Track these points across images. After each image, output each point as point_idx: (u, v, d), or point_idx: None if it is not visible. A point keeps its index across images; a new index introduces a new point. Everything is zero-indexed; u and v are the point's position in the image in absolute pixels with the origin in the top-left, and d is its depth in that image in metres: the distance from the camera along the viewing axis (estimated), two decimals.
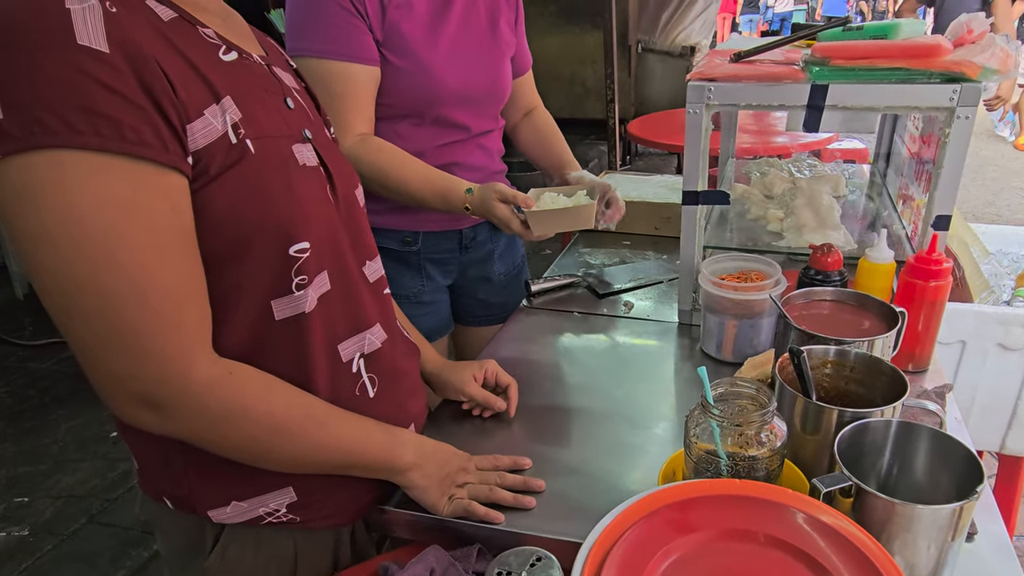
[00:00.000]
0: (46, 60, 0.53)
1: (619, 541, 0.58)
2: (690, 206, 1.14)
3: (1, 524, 1.92)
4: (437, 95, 1.20)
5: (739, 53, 1.13)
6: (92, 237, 0.56)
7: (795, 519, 0.60)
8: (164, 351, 0.60)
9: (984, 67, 0.94)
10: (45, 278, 0.57)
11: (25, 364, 2.76)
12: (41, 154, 0.54)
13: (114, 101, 0.55)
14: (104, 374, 0.60)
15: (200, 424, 0.64)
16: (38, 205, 0.55)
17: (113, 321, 0.58)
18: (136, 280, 0.58)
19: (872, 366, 0.83)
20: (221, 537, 0.76)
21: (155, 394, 0.61)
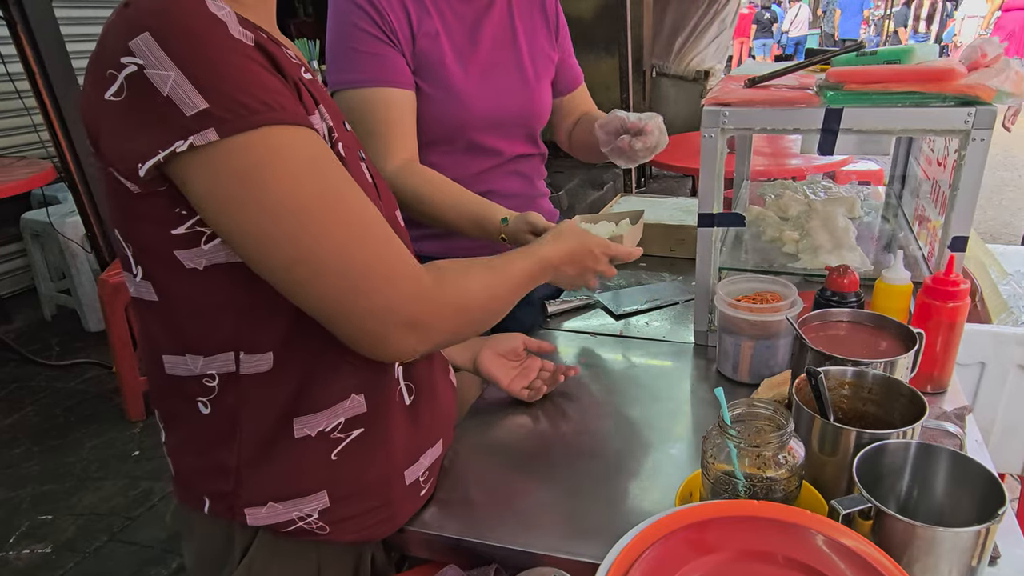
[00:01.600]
0: (222, 52, 0.59)
1: (637, 562, 0.58)
2: (706, 228, 1.15)
3: (25, 541, 1.95)
4: (466, 120, 1.21)
5: (754, 78, 1.15)
6: (311, 197, 0.62)
7: (814, 541, 0.60)
8: (402, 270, 0.68)
9: (999, 90, 0.94)
10: (282, 251, 0.63)
11: (52, 384, 2.81)
12: (257, 132, 0.60)
13: (277, 81, 0.63)
14: (369, 317, 0.66)
15: (449, 321, 0.73)
16: (263, 181, 0.60)
17: (361, 259, 0.65)
18: (359, 221, 0.66)
19: (890, 387, 0.83)
20: (249, 551, 0.77)
21: (414, 312, 0.68)
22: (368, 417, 0.78)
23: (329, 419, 0.76)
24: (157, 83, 0.57)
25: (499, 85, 1.25)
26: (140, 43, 0.57)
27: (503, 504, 0.89)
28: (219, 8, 0.61)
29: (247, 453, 0.74)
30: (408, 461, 0.84)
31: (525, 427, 1.05)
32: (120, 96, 0.59)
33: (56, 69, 2.40)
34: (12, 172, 2.64)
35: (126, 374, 2.47)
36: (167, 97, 0.57)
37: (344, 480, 0.78)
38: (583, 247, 0.98)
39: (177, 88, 0.57)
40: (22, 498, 2.13)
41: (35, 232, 3.21)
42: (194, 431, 0.75)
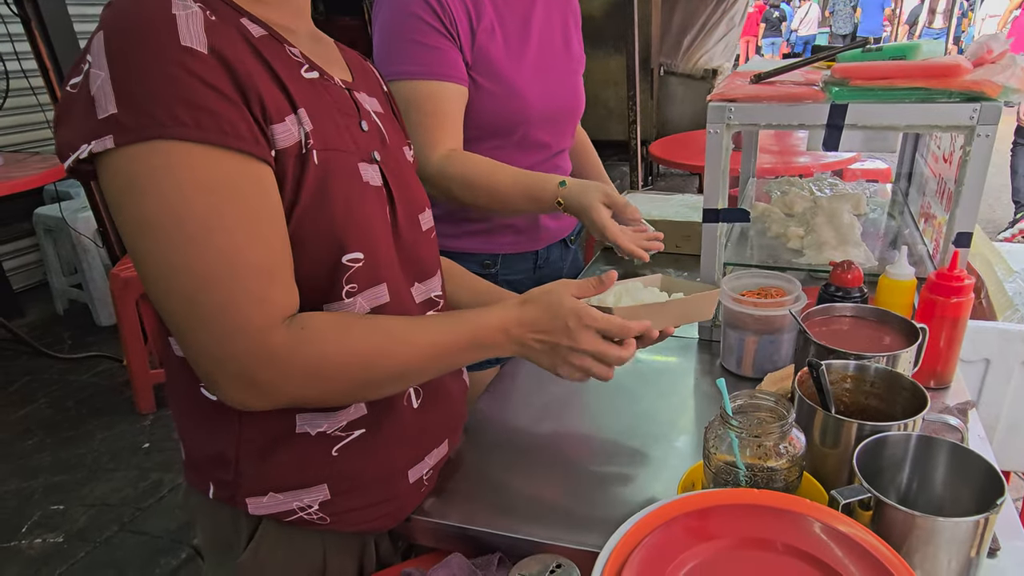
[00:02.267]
0: (155, 59, 0.59)
1: (637, 548, 0.59)
2: (711, 224, 1.16)
3: (37, 531, 1.98)
4: (524, 116, 1.23)
5: (759, 74, 1.15)
6: (192, 220, 0.60)
7: (812, 528, 0.61)
8: (251, 324, 0.63)
9: (1004, 86, 0.94)
10: (148, 262, 0.62)
11: (64, 376, 2.85)
12: (150, 144, 0.59)
13: (213, 96, 0.61)
14: (205, 358, 0.64)
15: (294, 387, 0.67)
16: (145, 192, 0.60)
17: (208, 300, 0.61)
18: (230, 260, 0.62)
19: (892, 381, 0.84)
20: (255, 535, 0.79)
21: (248, 369, 0.64)
22: (369, 419, 0.79)
23: (330, 422, 0.77)
24: (92, 81, 0.59)
25: (550, 79, 1.27)
26: (95, 42, 0.60)
27: (508, 494, 0.90)
28: (185, 7, 0.61)
29: (248, 443, 0.75)
30: (412, 461, 0.85)
31: (530, 419, 1.07)
32: (75, 89, 0.61)
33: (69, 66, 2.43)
34: (26, 168, 2.67)
35: (137, 367, 2.50)
36: (92, 96, 0.59)
37: (344, 475, 0.79)
38: (557, 315, 0.77)
39: (100, 89, 0.59)
40: (34, 488, 2.17)
41: (48, 227, 3.24)
42: (200, 417, 0.77)
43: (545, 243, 1.39)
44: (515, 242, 1.34)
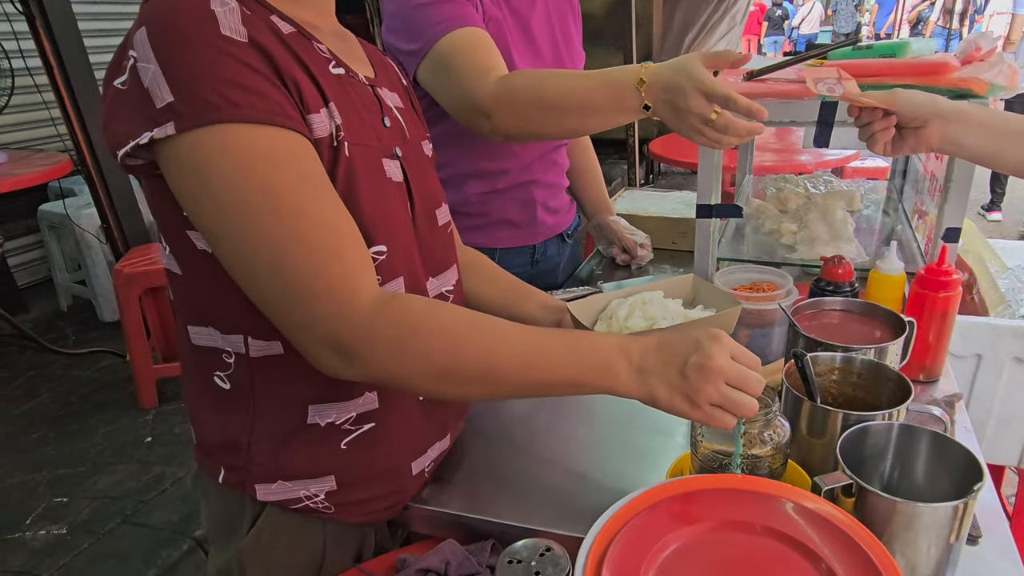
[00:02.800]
0: (201, 48, 0.61)
1: (622, 531, 0.61)
2: (704, 219, 1.18)
3: (41, 523, 2.00)
4: None
5: (752, 71, 1.17)
6: (255, 192, 0.62)
7: (790, 511, 0.62)
8: (330, 285, 0.63)
9: (992, 83, 0.96)
10: (227, 244, 0.64)
11: (68, 372, 2.87)
12: (207, 129, 0.61)
13: (260, 79, 0.63)
14: (294, 326, 0.65)
15: (380, 356, 0.65)
16: (209, 175, 0.62)
17: (286, 268, 0.63)
18: (298, 223, 0.63)
19: (878, 372, 0.85)
20: (258, 521, 0.81)
21: (334, 332, 0.64)
22: (379, 413, 0.81)
23: (340, 413, 0.79)
24: (142, 75, 0.61)
25: None
26: (138, 37, 0.62)
27: (503, 483, 0.92)
28: (223, 4, 0.63)
29: (260, 432, 0.77)
30: (416, 453, 0.87)
31: (526, 410, 1.08)
32: (124, 85, 0.63)
33: (74, 64, 2.45)
34: (30, 165, 2.70)
35: (139, 363, 2.52)
36: (146, 89, 0.61)
37: (352, 467, 0.81)
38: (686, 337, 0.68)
39: (153, 81, 0.61)
40: (38, 481, 2.19)
41: (52, 224, 3.27)
42: (213, 404, 0.78)
43: (543, 237, 1.41)
44: (513, 236, 1.36)
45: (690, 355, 0.66)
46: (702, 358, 0.65)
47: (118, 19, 4.02)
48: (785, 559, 0.57)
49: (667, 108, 0.94)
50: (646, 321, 1.04)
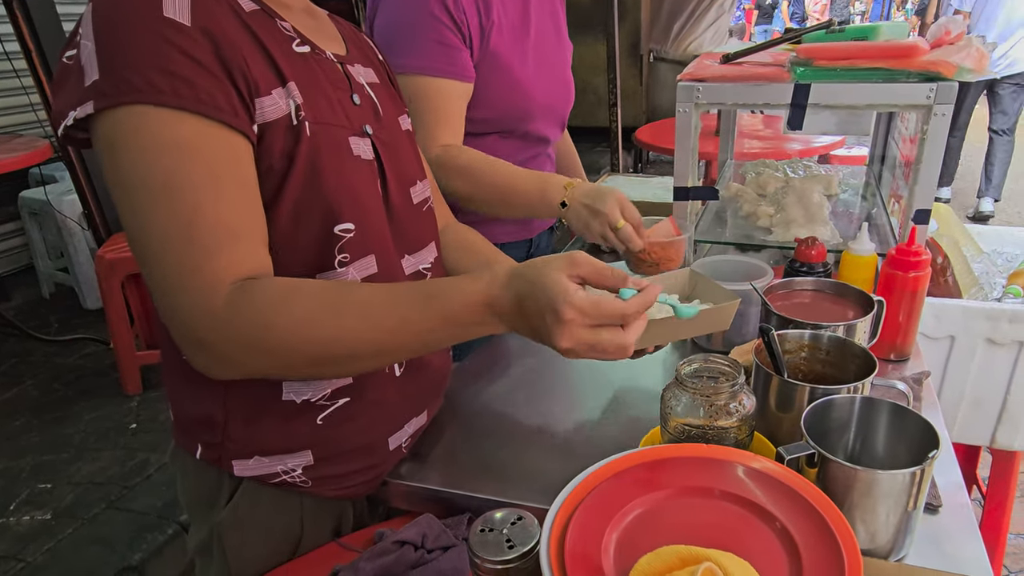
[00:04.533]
0: (135, 29, 0.61)
1: (587, 496, 0.62)
2: (681, 201, 1.19)
3: (26, 508, 2.00)
4: (528, 110, 1.24)
5: (728, 55, 1.18)
6: (156, 177, 0.62)
7: (747, 475, 0.64)
8: (200, 284, 0.63)
9: (960, 66, 0.98)
10: (126, 221, 0.64)
11: (50, 359, 2.86)
12: (125, 108, 0.61)
13: (192, 67, 0.63)
14: (168, 317, 0.66)
15: (242, 354, 0.65)
16: (118, 153, 0.62)
17: (165, 256, 0.63)
18: (189, 218, 0.63)
19: (845, 349, 0.87)
20: (235, 495, 0.82)
21: (194, 329, 0.64)
22: (354, 388, 0.82)
23: (316, 390, 0.79)
24: (81, 52, 0.62)
25: (550, 74, 1.28)
26: (85, 14, 0.63)
27: (480, 459, 0.93)
28: None
29: (235, 409, 0.78)
30: (393, 428, 0.88)
31: (504, 389, 1.10)
32: (70, 60, 0.64)
33: (52, 48, 2.42)
34: (10, 150, 2.67)
35: (123, 349, 2.51)
36: (82, 65, 0.62)
37: (328, 442, 0.82)
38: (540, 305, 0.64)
39: (88, 59, 0.61)
40: (22, 467, 2.19)
41: (33, 211, 3.24)
42: (189, 381, 0.79)
43: (538, 231, 1.42)
44: (510, 231, 1.35)
45: (542, 328, 0.65)
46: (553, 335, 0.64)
47: None
48: (742, 520, 0.59)
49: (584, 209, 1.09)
50: None
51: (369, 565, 0.80)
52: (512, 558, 0.63)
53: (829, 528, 0.57)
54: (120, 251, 2.46)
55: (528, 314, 0.65)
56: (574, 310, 0.63)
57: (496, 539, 0.66)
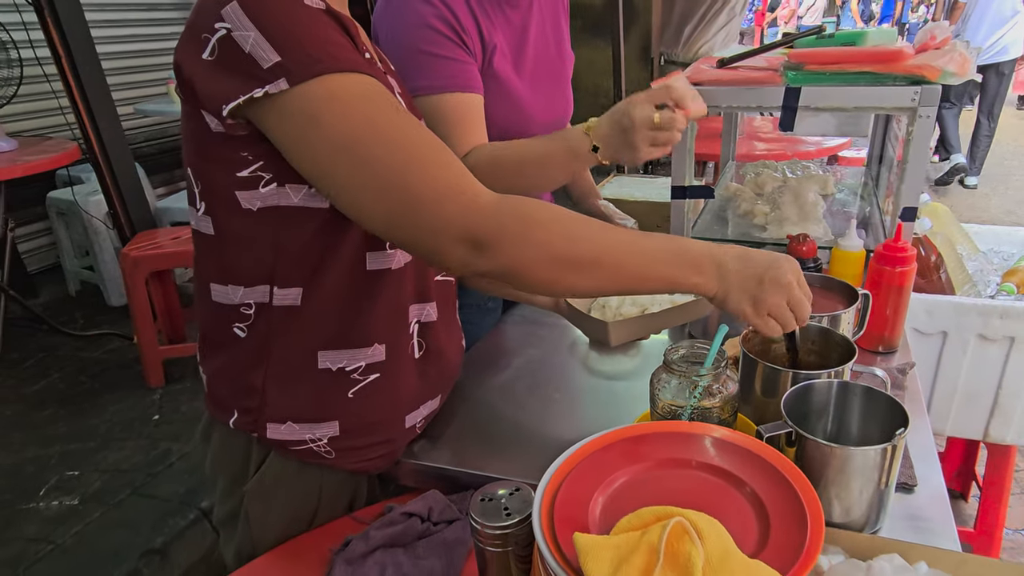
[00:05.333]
0: (294, 15, 0.70)
1: (577, 467, 0.68)
2: (678, 200, 1.24)
3: (55, 494, 2.09)
4: (527, 126, 1.23)
5: (724, 59, 1.23)
6: (370, 123, 0.71)
7: (720, 448, 0.70)
8: (452, 188, 0.71)
9: (943, 70, 1.02)
10: (350, 180, 0.71)
11: (77, 353, 2.96)
12: (318, 81, 0.69)
13: (342, 36, 0.73)
14: (428, 232, 0.72)
15: (507, 242, 0.71)
16: (321, 120, 0.70)
17: (409, 182, 0.70)
18: (405, 144, 0.71)
19: (827, 338, 0.92)
20: (262, 466, 0.89)
21: (466, 227, 0.71)
22: (385, 365, 0.89)
23: (351, 360, 0.86)
24: (240, 42, 0.69)
25: (547, 91, 1.29)
26: (229, 10, 0.69)
27: (485, 441, 0.99)
28: None
29: (274, 376, 0.85)
30: (410, 408, 0.94)
31: (509, 378, 1.16)
32: (213, 55, 0.70)
33: (82, 53, 2.52)
34: (39, 152, 2.78)
35: (146, 343, 2.61)
36: (248, 54, 0.69)
37: (355, 415, 0.89)
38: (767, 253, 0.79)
39: (256, 46, 0.68)
40: (51, 455, 2.28)
41: (60, 210, 3.35)
42: (231, 353, 0.86)
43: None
44: None
45: (768, 269, 0.76)
46: (779, 274, 0.76)
47: (124, 9, 4.09)
48: (716, 487, 0.64)
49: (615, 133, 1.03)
50: (636, 307, 1.12)
51: (379, 534, 0.87)
52: (509, 524, 0.69)
53: (794, 491, 0.62)
54: (145, 249, 2.55)
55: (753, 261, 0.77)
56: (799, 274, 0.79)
57: (495, 508, 0.72)
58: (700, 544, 0.54)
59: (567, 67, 1.35)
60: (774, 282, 0.76)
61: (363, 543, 0.86)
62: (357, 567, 0.84)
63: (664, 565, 0.53)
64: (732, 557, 0.54)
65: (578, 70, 1.45)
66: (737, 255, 0.77)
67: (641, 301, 1.07)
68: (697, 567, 0.52)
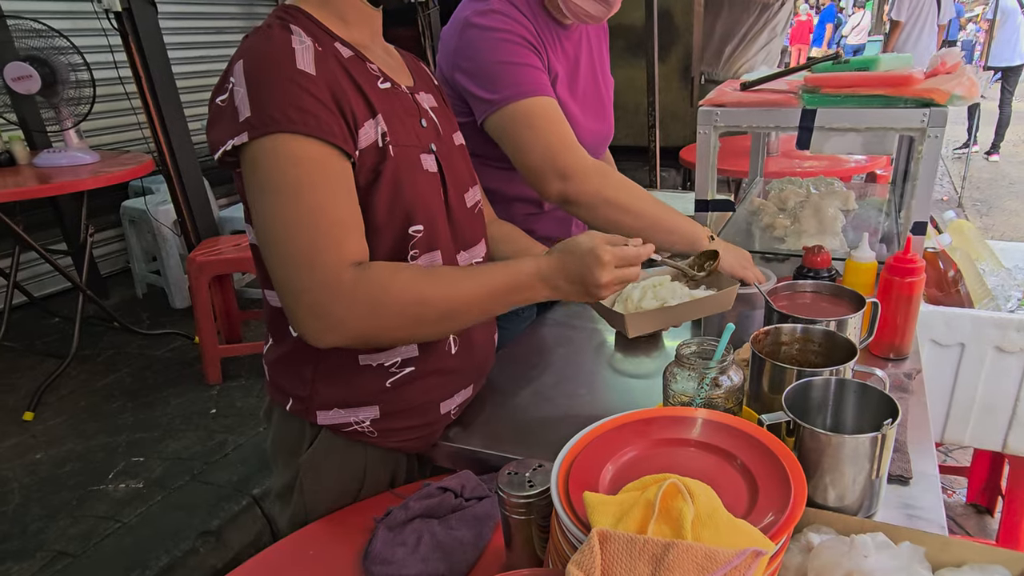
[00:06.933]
0: (277, 78, 0.81)
1: (589, 444, 0.78)
2: (701, 213, 1.33)
3: (122, 478, 2.28)
4: None
5: (745, 83, 1.32)
6: (288, 183, 0.80)
7: (717, 430, 0.78)
8: (327, 261, 0.80)
9: (952, 94, 1.09)
10: (261, 221, 0.82)
11: (143, 351, 3.19)
12: (270, 137, 0.80)
13: (317, 105, 0.81)
14: (289, 293, 0.82)
15: (358, 319, 0.82)
16: (260, 167, 0.81)
17: (296, 242, 0.80)
18: (314, 213, 0.81)
19: (833, 341, 0.99)
20: (314, 443, 1.01)
21: (321, 300, 0.80)
22: (419, 360, 1.00)
23: (387, 356, 0.98)
24: (235, 96, 0.82)
25: (594, 113, 1.39)
26: (237, 67, 0.83)
27: (514, 427, 1.09)
28: (300, 42, 0.83)
29: (322, 370, 0.98)
30: (445, 396, 1.05)
31: (537, 372, 1.26)
32: (223, 103, 0.84)
33: (159, 75, 2.76)
34: (118, 164, 3.03)
35: (207, 342, 2.80)
36: (236, 106, 0.81)
37: (393, 401, 1.00)
38: (581, 257, 0.91)
39: (241, 101, 0.81)
40: (119, 443, 2.48)
41: (132, 219, 3.62)
42: (286, 349, 0.99)
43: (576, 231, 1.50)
44: (550, 228, 1.45)
45: (583, 273, 0.90)
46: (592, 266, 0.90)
47: (195, 33, 4.41)
48: (712, 461, 0.73)
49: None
50: (657, 301, 1.20)
51: (417, 504, 0.97)
52: (532, 494, 0.79)
53: (782, 466, 0.70)
54: (209, 254, 2.76)
55: (569, 268, 0.91)
56: (609, 253, 0.90)
57: (520, 480, 0.81)
58: (691, 502, 0.63)
59: (609, 91, 1.45)
60: (593, 276, 0.90)
61: (403, 512, 0.96)
62: (397, 533, 0.94)
63: (658, 518, 0.62)
64: (718, 514, 0.63)
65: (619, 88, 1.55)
66: (558, 268, 0.91)
67: (662, 294, 1.16)
68: (687, 520, 0.61)
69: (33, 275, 3.68)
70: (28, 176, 2.84)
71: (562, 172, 1.18)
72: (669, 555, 0.58)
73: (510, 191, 1.38)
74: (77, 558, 1.92)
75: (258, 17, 4.83)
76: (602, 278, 0.90)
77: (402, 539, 0.93)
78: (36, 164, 3.00)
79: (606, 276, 0.90)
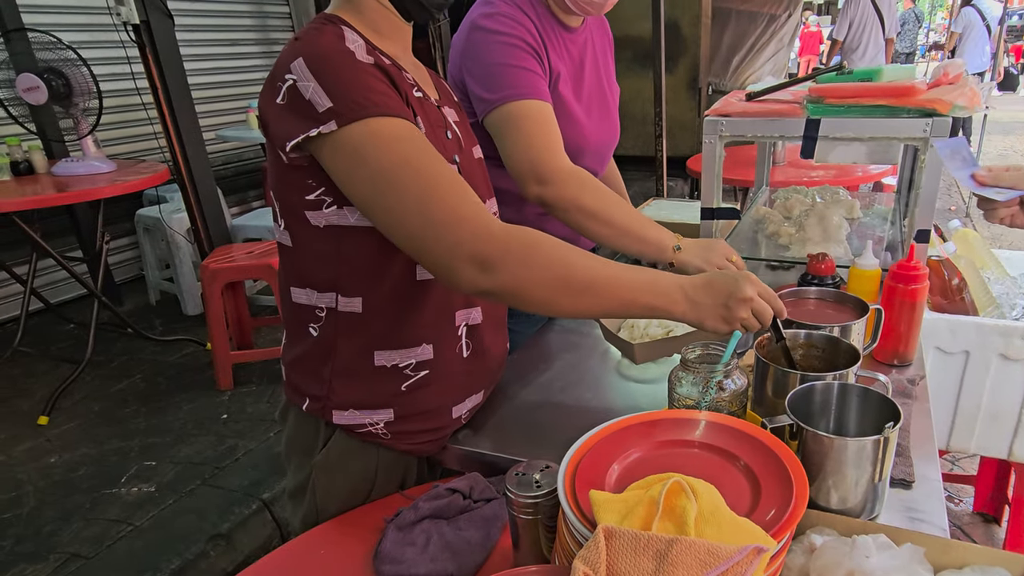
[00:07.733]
0: (347, 69, 0.85)
1: (596, 444, 0.80)
2: (707, 220, 1.35)
3: (135, 481, 2.31)
4: (583, 149, 1.36)
5: (751, 93, 1.34)
6: (402, 159, 0.83)
7: (720, 432, 0.80)
8: (470, 213, 0.83)
9: (954, 104, 1.11)
10: (386, 204, 0.84)
11: (156, 357, 3.23)
12: (361, 123, 0.83)
13: (386, 87, 0.86)
14: (443, 251, 0.83)
15: (513, 264, 0.83)
16: (367, 155, 0.83)
17: (434, 207, 0.83)
18: (439, 179, 0.84)
19: (836, 345, 1.01)
20: (328, 443, 1.03)
21: (478, 249, 0.82)
22: (433, 363, 1.02)
23: (402, 358, 1.00)
24: (302, 91, 0.85)
25: (599, 117, 1.42)
26: (296, 65, 0.85)
27: (523, 432, 1.11)
28: (353, 42, 0.88)
29: (338, 370, 1.00)
30: (456, 400, 1.08)
31: (546, 378, 1.28)
32: (283, 100, 0.87)
33: (175, 86, 2.82)
34: (134, 172, 3.08)
35: (219, 349, 2.84)
36: (308, 100, 0.84)
37: (407, 404, 1.03)
38: (731, 276, 0.92)
39: (314, 94, 0.84)
40: (131, 447, 2.51)
41: (147, 226, 3.68)
42: (305, 349, 1.02)
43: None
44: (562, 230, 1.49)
45: (732, 293, 0.91)
46: (740, 293, 0.90)
47: (210, 45, 4.49)
48: (715, 462, 0.75)
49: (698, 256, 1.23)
50: (663, 329, 1.22)
51: (426, 505, 0.99)
52: (539, 495, 0.81)
53: (782, 463, 0.72)
54: (221, 262, 2.80)
55: (716, 284, 0.92)
56: (759, 282, 0.93)
57: (527, 481, 0.83)
58: (694, 500, 0.65)
59: (614, 97, 1.48)
60: (738, 301, 0.90)
61: (412, 513, 0.98)
62: (406, 533, 0.96)
63: (662, 516, 0.64)
64: (721, 512, 0.64)
65: (626, 98, 1.57)
66: (703, 285, 0.91)
67: (668, 322, 1.18)
68: (690, 517, 0.63)
69: (49, 282, 3.74)
70: (47, 184, 2.90)
71: (541, 176, 1.21)
72: (672, 550, 0.59)
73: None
74: (90, 560, 1.94)
75: (271, 30, 4.92)
76: (748, 292, 0.90)
77: (411, 539, 0.95)
78: (55, 173, 3.06)
79: (751, 291, 0.91)
